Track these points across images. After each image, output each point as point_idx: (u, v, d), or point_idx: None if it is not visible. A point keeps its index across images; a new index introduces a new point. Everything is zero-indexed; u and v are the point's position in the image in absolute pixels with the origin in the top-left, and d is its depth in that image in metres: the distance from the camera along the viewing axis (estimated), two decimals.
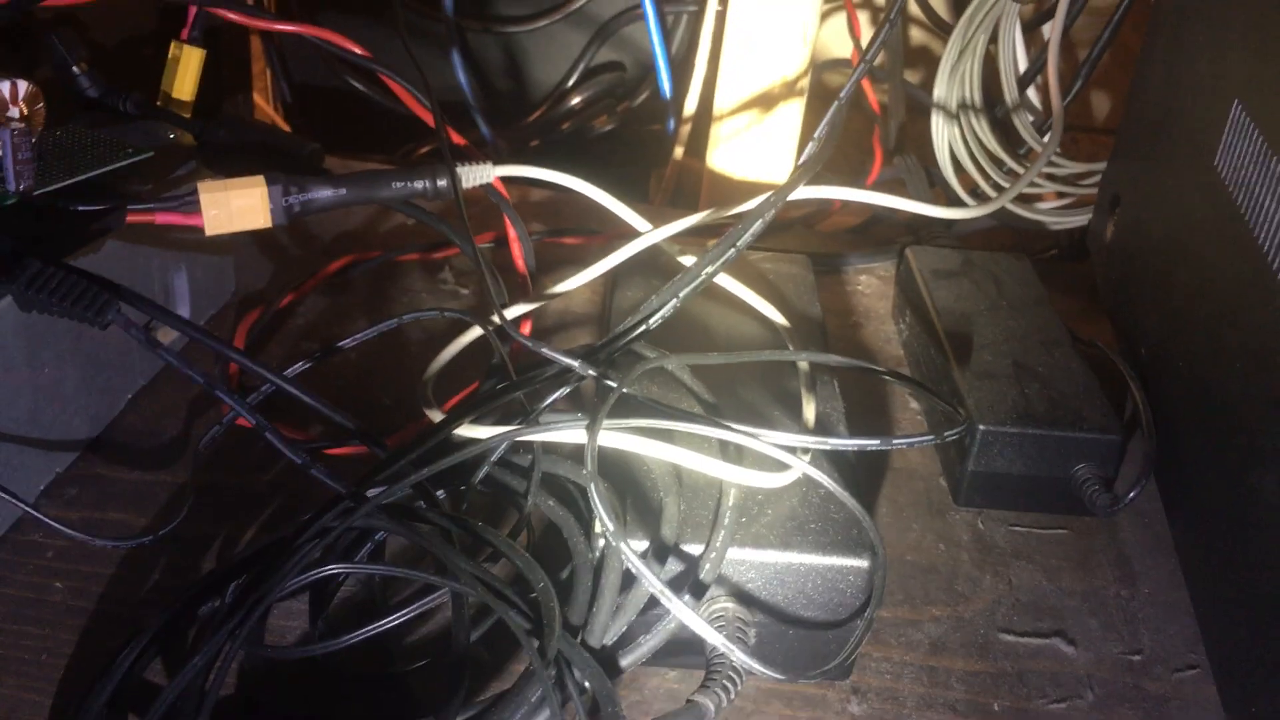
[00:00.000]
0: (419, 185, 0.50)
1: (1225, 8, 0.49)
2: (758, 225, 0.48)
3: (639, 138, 0.83)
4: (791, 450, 0.42)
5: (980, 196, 0.70)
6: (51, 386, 0.45)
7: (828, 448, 0.43)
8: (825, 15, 0.83)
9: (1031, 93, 0.71)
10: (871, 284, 0.65)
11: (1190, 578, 0.46)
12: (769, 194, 0.49)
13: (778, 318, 0.52)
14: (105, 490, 0.47)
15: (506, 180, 0.53)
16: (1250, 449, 0.41)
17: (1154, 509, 0.50)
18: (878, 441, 0.42)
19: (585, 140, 0.84)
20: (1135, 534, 0.49)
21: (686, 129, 0.77)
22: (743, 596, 0.40)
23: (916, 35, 0.86)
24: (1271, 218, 0.41)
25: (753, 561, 0.40)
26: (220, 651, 0.36)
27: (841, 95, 0.52)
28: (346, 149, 0.83)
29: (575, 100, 0.83)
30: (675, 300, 0.47)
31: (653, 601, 0.39)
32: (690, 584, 0.39)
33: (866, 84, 0.78)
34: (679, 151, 0.77)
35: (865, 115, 0.79)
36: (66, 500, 0.46)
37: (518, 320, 0.52)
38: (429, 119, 0.52)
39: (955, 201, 0.71)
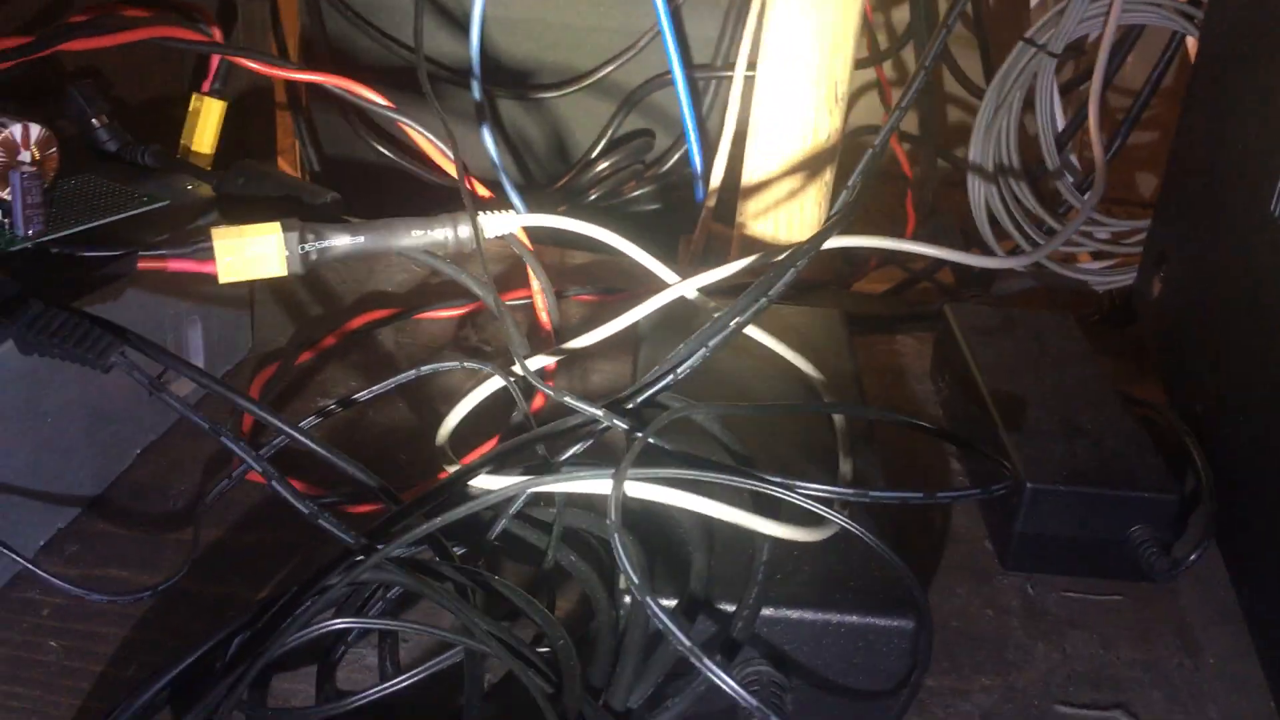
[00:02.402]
0: (439, 234, 0.48)
1: (1274, 46, 0.48)
2: (790, 274, 0.46)
3: (667, 204, 0.82)
4: (829, 504, 0.39)
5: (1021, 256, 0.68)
6: (54, 438, 0.44)
7: (868, 500, 0.40)
8: (858, 93, 0.82)
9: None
10: (907, 344, 0.63)
11: (1262, 649, 0.43)
12: (801, 242, 0.47)
13: (811, 371, 0.50)
14: (108, 547, 0.45)
15: (532, 234, 0.52)
16: None
17: (1217, 575, 0.47)
18: (921, 495, 0.40)
19: (612, 207, 0.82)
20: (1197, 601, 0.46)
21: (715, 195, 0.76)
22: (778, 659, 0.38)
23: (952, 114, 0.85)
24: None
25: (789, 620, 0.37)
26: (217, 709, 0.34)
27: (875, 144, 0.50)
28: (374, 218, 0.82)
29: (602, 167, 0.82)
30: (704, 350, 0.45)
31: (680, 662, 0.36)
32: (721, 644, 0.37)
33: (900, 150, 0.77)
34: (707, 218, 0.76)
35: (899, 185, 0.77)
36: (66, 557, 0.44)
37: (540, 370, 0.50)
38: (452, 169, 0.51)
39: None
